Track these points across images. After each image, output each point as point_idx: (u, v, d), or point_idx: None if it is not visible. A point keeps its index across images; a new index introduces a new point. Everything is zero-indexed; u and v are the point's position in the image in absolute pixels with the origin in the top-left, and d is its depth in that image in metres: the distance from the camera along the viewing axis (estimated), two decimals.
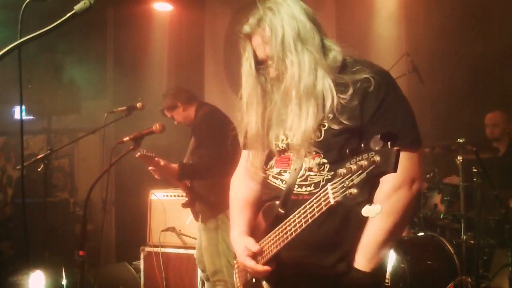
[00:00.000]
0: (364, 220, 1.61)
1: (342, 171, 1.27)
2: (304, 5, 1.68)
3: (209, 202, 3.74)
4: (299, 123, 1.61)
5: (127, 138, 3.17)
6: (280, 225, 1.62)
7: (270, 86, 1.75)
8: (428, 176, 4.35)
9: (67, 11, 1.49)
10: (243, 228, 1.88)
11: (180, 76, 6.31)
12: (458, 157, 3.84)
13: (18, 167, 5.61)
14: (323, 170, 1.64)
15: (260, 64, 1.74)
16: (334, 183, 1.31)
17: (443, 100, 4.92)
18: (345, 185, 1.26)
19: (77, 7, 1.48)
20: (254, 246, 1.74)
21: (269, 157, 1.83)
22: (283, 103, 1.70)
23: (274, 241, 1.66)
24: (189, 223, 4.45)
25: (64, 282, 4.13)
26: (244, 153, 1.99)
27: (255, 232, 1.85)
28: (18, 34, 1.50)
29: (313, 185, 1.64)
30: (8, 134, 7.13)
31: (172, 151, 5.37)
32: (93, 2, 1.48)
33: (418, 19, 5.06)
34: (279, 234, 1.63)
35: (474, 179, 3.78)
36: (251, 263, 1.75)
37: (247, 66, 1.75)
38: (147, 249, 4.65)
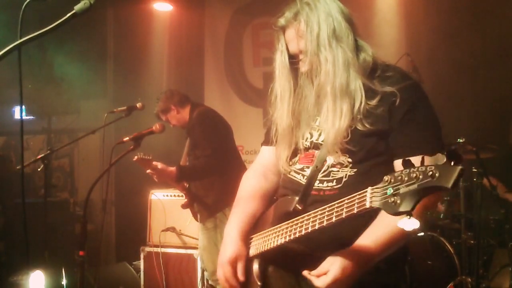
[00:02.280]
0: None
1: (389, 177, 1.22)
2: (340, 5, 1.72)
3: (207, 202, 3.75)
4: (333, 121, 1.61)
5: (127, 138, 3.18)
6: (296, 218, 1.57)
7: (302, 81, 1.75)
8: None
9: (67, 11, 1.49)
10: (240, 223, 1.83)
11: (180, 76, 6.30)
12: None
13: (18, 167, 5.61)
14: (346, 167, 1.64)
15: (291, 58, 1.75)
16: (376, 187, 1.27)
17: (443, 100, 4.92)
18: (388, 193, 1.21)
19: (77, 7, 1.48)
20: (241, 277, 1.72)
21: (294, 154, 1.80)
22: (316, 99, 1.71)
23: (281, 233, 1.62)
24: (189, 223, 4.45)
25: (64, 282, 4.14)
26: (264, 150, 1.98)
27: (262, 223, 1.82)
28: (18, 34, 1.50)
29: (335, 180, 1.64)
30: (8, 134, 7.13)
31: (172, 151, 5.36)
32: (93, 2, 1.48)
33: (418, 19, 5.05)
34: (291, 226, 1.58)
35: (474, 179, 3.78)
36: (228, 273, 1.73)
37: (281, 59, 1.76)
38: (147, 249, 4.65)
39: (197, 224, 3.97)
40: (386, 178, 1.23)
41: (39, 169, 3.71)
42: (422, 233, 4.07)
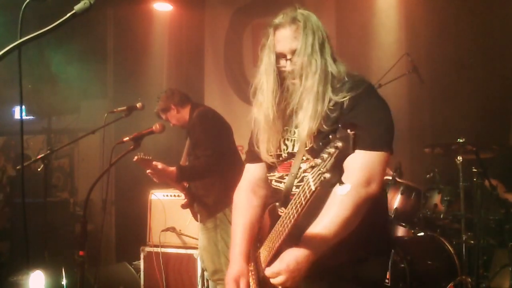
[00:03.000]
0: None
1: (317, 161, 1.44)
2: (322, 24, 1.90)
3: (207, 202, 3.75)
4: (310, 119, 1.77)
5: (127, 138, 3.17)
6: (278, 221, 1.76)
7: (287, 80, 1.87)
8: (428, 176, 4.34)
9: (67, 11, 1.49)
10: (240, 244, 2.03)
11: (180, 76, 6.31)
12: (458, 157, 3.83)
13: (18, 167, 5.61)
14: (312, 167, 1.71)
15: (276, 56, 1.88)
16: (313, 172, 1.46)
17: (443, 100, 4.92)
18: (320, 172, 1.42)
19: (77, 7, 1.48)
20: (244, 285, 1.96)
21: (272, 166, 1.98)
22: (299, 99, 1.82)
23: (275, 237, 1.79)
24: (189, 223, 4.45)
25: (64, 282, 4.14)
26: (249, 167, 2.15)
27: (261, 233, 2.00)
28: (18, 34, 1.50)
29: (304, 179, 1.70)
30: (8, 134, 7.13)
31: (172, 151, 5.37)
32: (93, 2, 1.48)
33: (418, 19, 5.05)
34: (278, 229, 1.77)
35: (474, 179, 3.78)
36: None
37: (268, 56, 1.90)
38: (147, 249, 4.65)
39: (197, 224, 3.97)
40: (315, 161, 1.45)
41: (39, 169, 3.71)
42: (422, 233, 4.07)
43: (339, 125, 1.42)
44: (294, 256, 1.68)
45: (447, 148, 3.99)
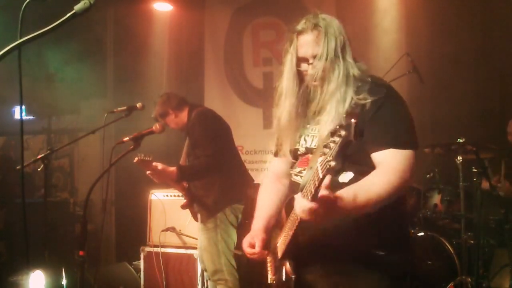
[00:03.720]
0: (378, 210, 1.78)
1: (325, 150, 1.50)
2: (343, 28, 1.99)
3: (207, 202, 3.75)
4: (331, 121, 1.83)
5: (127, 138, 3.17)
6: (292, 211, 1.83)
7: (308, 83, 1.97)
8: (428, 176, 4.35)
9: (67, 11, 1.49)
10: (260, 223, 2.15)
11: (180, 76, 6.31)
12: (458, 157, 3.83)
13: (18, 167, 5.61)
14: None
15: (298, 60, 1.97)
16: (321, 161, 1.52)
17: (443, 100, 4.92)
18: (327, 160, 1.49)
19: (77, 7, 1.48)
20: (258, 247, 2.08)
21: (293, 162, 2.10)
22: (320, 101, 1.92)
23: (290, 227, 1.88)
24: (189, 223, 4.45)
25: (64, 282, 4.14)
26: (275, 160, 2.26)
27: (280, 224, 2.09)
28: (18, 34, 1.50)
29: (313, 168, 1.78)
30: (8, 134, 7.13)
31: (172, 151, 5.37)
32: (93, 2, 1.48)
33: (418, 19, 5.05)
34: (292, 218, 1.86)
35: (474, 179, 3.78)
36: (249, 250, 2.11)
37: (291, 61, 1.98)
38: (147, 249, 4.65)
39: (197, 224, 3.97)
40: (323, 150, 1.51)
41: (39, 169, 3.71)
42: (422, 233, 4.07)
43: (344, 115, 1.50)
44: (336, 196, 1.68)
45: (447, 148, 3.99)
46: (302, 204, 1.64)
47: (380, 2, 5.17)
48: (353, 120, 1.45)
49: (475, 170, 3.76)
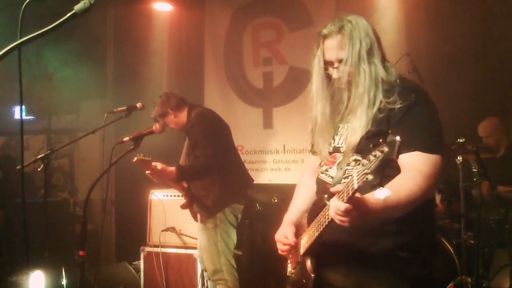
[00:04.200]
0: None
1: (364, 161, 1.52)
2: (373, 27, 2.01)
3: (207, 202, 3.75)
4: (360, 124, 1.88)
5: (127, 138, 3.18)
6: (320, 213, 1.87)
7: (336, 86, 2.01)
8: None
9: (67, 11, 1.49)
10: (293, 216, 2.22)
11: (180, 76, 6.30)
12: (458, 157, 3.84)
13: (18, 167, 5.61)
14: (358, 165, 1.83)
15: (325, 64, 2.01)
16: (358, 171, 1.54)
17: (443, 100, 4.91)
18: (365, 172, 1.50)
19: (77, 7, 1.48)
20: (291, 237, 2.12)
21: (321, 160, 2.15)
22: (348, 104, 1.96)
23: (316, 227, 1.91)
24: (189, 223, 4.45)
25: (64, 282, 4.14)
26: (312, 156, 2.32)
27: (308, 221, 2.10)
28: (18, 34, 1.50)
29: (350, 177, 1.84)
30: (8, 134, 7.12)
31: (172, 151, 5.37)
32: (93, 2, 1.48)
33: (418, 19, 5.05)
34: (320, 219, 1.88)
35: (474, 179, 3.78)
36: (284, 240, 2.15)
37: (318, 65, 2.02)
38: (147, 249, 4.65)
39: (197, 224, 3.97)
40: (362, 161, 1.53)
41: (39, 169, 3.71)
42: None
43: (389, 131, 1.52)
44: (367, 199, 1.69)
45: (447, 148, 3.99)
46: (337, 205, 1.64)
47: (380, 2, 5.17)
48: (398, 138, 1.46)
49: (475, 170, 3.76)
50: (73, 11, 1.48)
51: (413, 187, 1.75)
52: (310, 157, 2.36)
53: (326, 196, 1.91)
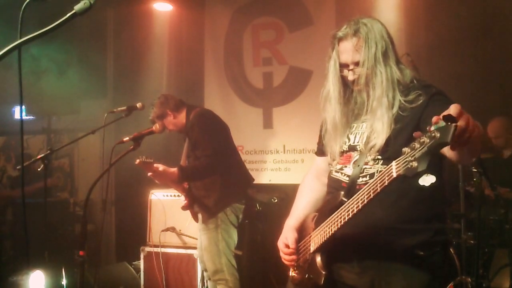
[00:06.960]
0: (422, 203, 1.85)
1: (406, 149, 1.47)
2: (387, 30, 2.03)
3: (208, 202, 3.75)
4: (382, 127, 1.88)
5: (127, 138, 3.18)
6: (341, 207, 1.83)
7: (352, 88, 2.01)
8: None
9: (67, 11, 1.49)
10: (295, 221, 2.20)
11: (180, 76, 6.30)
12: None
13: (18, 167, 5.61)
14: (377, 163, 1.90)
15: (340, 66, 2.02)
16: (399, 160, 1.51)
17: None
18: (407, 160, 1.46)
19: (77, 7, 1.48)
20: (292, 244, 2.12)
21: (334, 159, 2.13)
22: (366, 106, 1.96)
23: (332, 223, 1.88)
24: (189, 223, 4.45)
25: (64, 282, 4.14)
26: (318, 159, 2.32)
27: (317, 220, 2.09)
28: (18, 34, 1.50)
29: (368, 176, 1.90)
30: (8, 134, 7.12)
31: (172, 152, 5.37)
32: (93, 2, 1.48)
33: (418, 19, 5.05)
34: (340, 214, 1.84)
35: (474, 179, 3.78)
36: (285, 250, 2.15)
37: (334, 66, 2.03)
38: (147, 249, 4.65)
39: (197, 224, 3.97)
40: (404, 150, 1.48)
41: (39, 169, 3.71)
42: None
43: (443, 116, 1.39)
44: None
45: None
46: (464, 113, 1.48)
47: (380, 2, 5.17)
48: (453, 124, 1.37)
49: (475, 170, 3.76)
50: (73, 11, 1.48)
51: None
52: (315, 160, 2.35)
53: (342, 193, 1.91)
